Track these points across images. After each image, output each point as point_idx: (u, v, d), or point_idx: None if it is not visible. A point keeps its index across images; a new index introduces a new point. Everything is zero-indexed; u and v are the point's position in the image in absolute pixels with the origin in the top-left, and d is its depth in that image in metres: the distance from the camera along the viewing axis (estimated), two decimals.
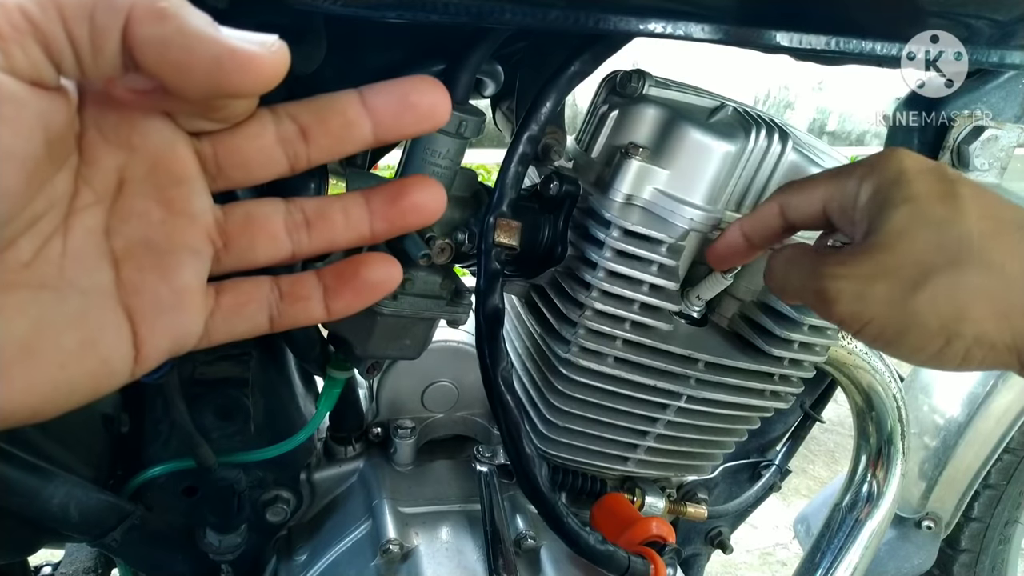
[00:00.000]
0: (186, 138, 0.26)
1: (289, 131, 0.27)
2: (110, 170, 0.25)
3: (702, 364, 0.57)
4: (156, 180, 0.26)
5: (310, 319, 0.30)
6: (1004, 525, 1.30)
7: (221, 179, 0.27)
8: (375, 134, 0.27)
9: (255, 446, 0.63)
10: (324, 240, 0.29)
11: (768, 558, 1.88)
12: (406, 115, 0.27)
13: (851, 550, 0.83)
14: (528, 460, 0.55)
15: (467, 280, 0.58)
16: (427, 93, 0.26)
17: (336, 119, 0.27)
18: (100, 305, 0.25)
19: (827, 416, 0.89)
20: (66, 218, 0.24)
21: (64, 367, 0.24)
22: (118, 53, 0.21)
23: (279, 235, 0.28)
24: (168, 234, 0.26)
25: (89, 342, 0.25)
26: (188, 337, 0.27)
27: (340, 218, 0.29)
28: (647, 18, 0.41)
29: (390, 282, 0.30)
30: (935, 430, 1.18)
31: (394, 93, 0.26)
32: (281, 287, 0.29)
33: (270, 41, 0.22)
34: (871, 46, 0.45)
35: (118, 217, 0.25)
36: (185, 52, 0.21)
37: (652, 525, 0.64)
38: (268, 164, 0.27)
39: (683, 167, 0.52)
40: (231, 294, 0.29)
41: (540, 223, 0.55)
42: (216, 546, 0.64)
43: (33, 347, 0.23)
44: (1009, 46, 0.48)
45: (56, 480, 0.53)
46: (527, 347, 0.63)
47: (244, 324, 0.29)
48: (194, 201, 0.26)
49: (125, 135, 0.25)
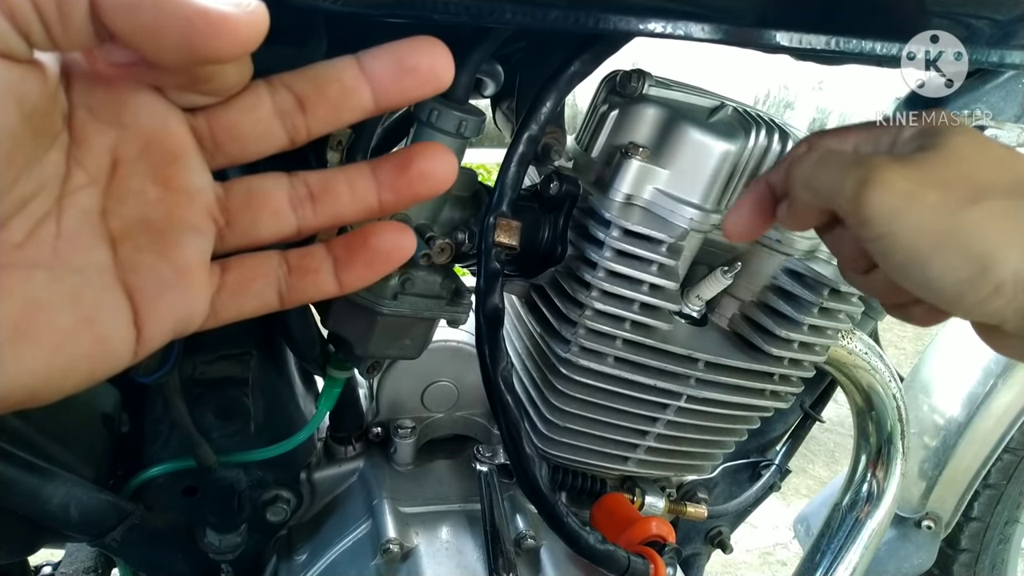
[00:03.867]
0: (179, 114, 0.25)
1: (286, 102, 0.26)
2: (102, 150, 0.24)
3: (702, 364, 0.57)
4: (151, 158, 0.25)
5: (321, 293, 0.29)
6: (1004, 525, 1.30)
7: (219, 155, 0.26)
8: (375, 100, 0.26)
9: (255, 446, 0.63)
10: (330, 214, 0.28)
11: (768, 558, 1.88)
12: (406, 79, 0.25)
13: (851, 550, 0.83)
14: (528, 460, 0.55)
15: (467, 280, 0.58)
16: (427, 54, 0.25)
17: (333, 87, 0.26)
18: (97, 283, 0.24)
19: (827, 416, 0.89)
20: (59, 200, 0.24)
21: (60, 347, 0.23)
22: (87, 20, 0.21)
23: (283, 210, 0.28)
24: (166, 213, 0.25)
25: (85, 321, 0.24)
26: (193, 316, 0.27)
27: (345, 190, 0.28)
28: (647, 18, 0.41)
29: (402, 250, 0.29)
30: (935, 430, 1.18)
31: (392, 56, 0.25)
32: (289, 261, 0.29)
33: (246, 2, 0.22)
34: (871, 46, 0.45)
35: (114, 197, 0.25)
36: (155, 15, 0.20)
37: (652, 525, 0.64)
38: (266, 137, 0.26)
39: (683, 167, 0.52)
40: (237, 271, 0.28)
41: (540, 223, 0.55)
42: (216, 546, 0.64)
43: (26, 327, 0.23)
44: (1009, 46, 0.48)
45: (56, 480, 0.53)
46: (527, 347, 0.63)
47: (252, 301, 0.28)
48: (192, 178, 0.26)
49: (115, 113, 0.24)
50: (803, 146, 0.40)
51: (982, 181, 0.33)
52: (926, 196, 0.32)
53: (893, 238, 0.33)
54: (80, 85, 0.24)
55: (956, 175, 0.33)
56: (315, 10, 0.36)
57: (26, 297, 0.23)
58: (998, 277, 0.32)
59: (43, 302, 0.23)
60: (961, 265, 0.32)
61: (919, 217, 0.32)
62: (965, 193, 0.32)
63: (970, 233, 0.32)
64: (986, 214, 0.32)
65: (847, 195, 0.34)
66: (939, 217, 0.32)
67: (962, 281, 0.32)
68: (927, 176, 0.33)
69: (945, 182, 0.33)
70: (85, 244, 0.24)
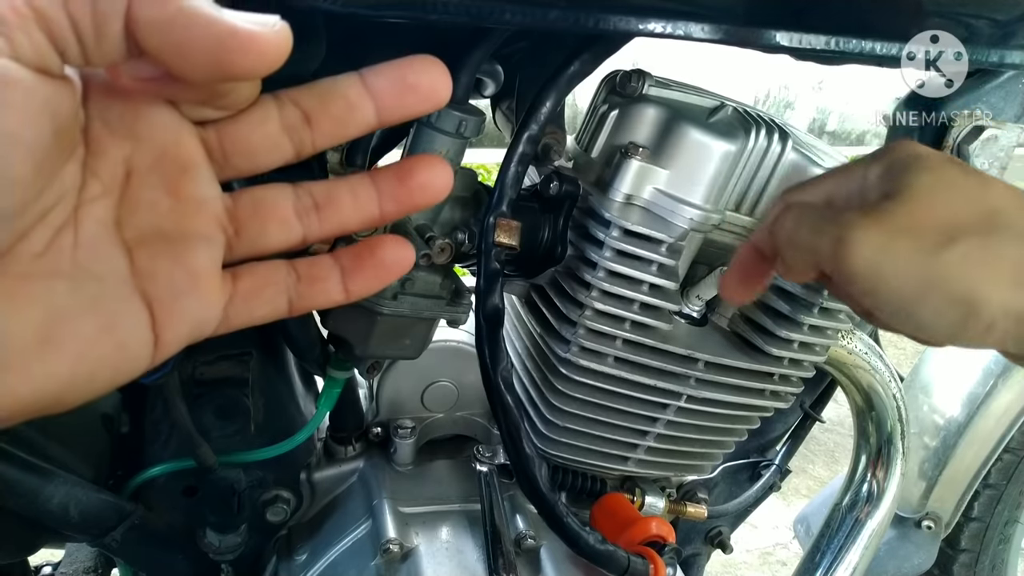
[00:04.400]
0: (191, 127, 0.26)
1: (293, 117, 0.27)
2: (117, 161, 0.25)
3: (702, 364, 0.57)
4: (163, 169, 0.26)
5: (329, 300, 0.30)
6: (1004, 525, 1.30)
7: (228, 167, 0.27)
8: (378, 116, 0.27)
9: (255, 446, 0.63)
10: (334, 223, 0.29)
11: (768, 558, 1.88)
12: (407, 96, 0.26)
13: (851, 550, 0.83)
14: (528, 460, 0.55)
15: (467, 280, 0.58)
16: (426, 73, 0.26)
17: (338, 102, 0.27)
18: (116, 291, 0.25)
19: (827, 416, 0.89)
20: (75, 210, 0.24)
21: (83, 354, 0.24)
22: (121, 37, 0.21)
23: (289, 219, 0.29)
24: (177, 222, 0.26)
25: (106, 328, 0.25)
26: (207, 322, 0.28)
27: (349, 200, 0.29)
28: (647, 18, 0.41)
29: (404, 262, 0.30)
30: (935, 430, 1.18)
31: (394, 74, 0.26)
32: (298, 270, 0.30)
33: (272, 21, 0.22)
34: (871, 46, 0.45)
35: (127, 207, 0.25)
36: (187, 33, 0.21)
37: (652, 525, 0.64)
38: (273, 151, 0.27)
39: (683, 167, 0.52)
40: (248, 279, 0.29)
41: (540, 223, 0.55)
42: (216, 546, 0.64)
43: (49, 335, 0.23)
44: (1009, 46, 0.48)
45: (56, 480, 0.53)
46: (527, 347, 0.63)
47: (263, 308, 0.29)
48: (201, 189, 0.27)
49: (130, 125, 0.25)
50: (779, 206, 0.41)
51: (953, 221, 0.33)
52: (901, 245, 0.33)
53: (878, 292, 0.34)
54: (96, 97, 0.24)
55: (927, 218, 0.33)
56: (315, 11, 0.36)
57: (49, 306, 0.23)
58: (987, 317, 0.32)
59: (65, 310, 0.24)
60: (948, 309, 0.33)
61: (898, 267, 0.33)
62: (938, 236, 0.33)
63: (950, 277, 0.32)
64: (962, 255, 0.33)
65: (826, 256, 0.35)
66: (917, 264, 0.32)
67: (953, 324, 0.33)
68: (898, 224, 0.33)
69: (917, 227, 0.33)
70: (103, 253, 0.25)
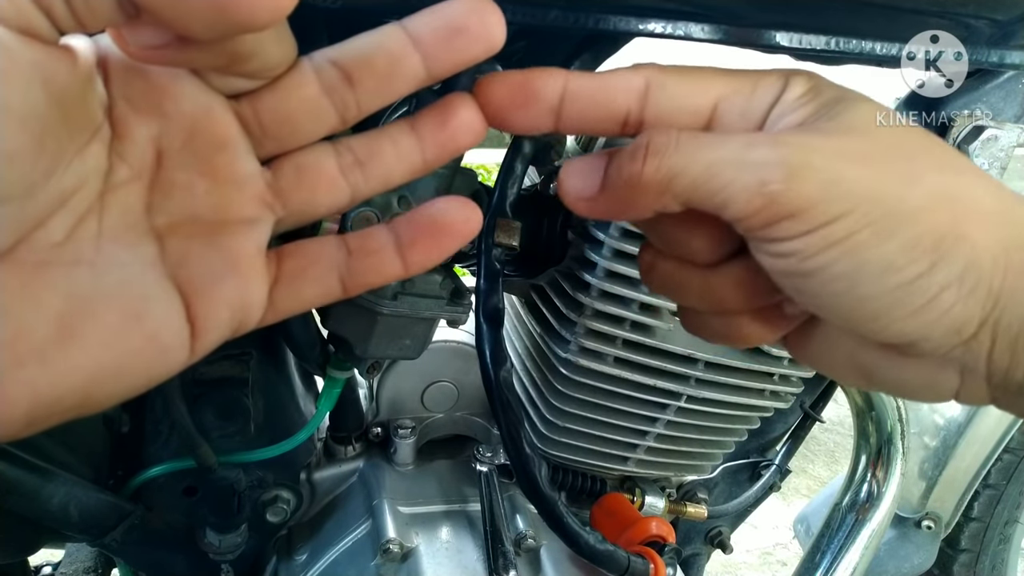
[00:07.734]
0: (223, 101, 0.24)
1: (332, 77, 0.24)
2: (145, 141, 0.23)
3: (702, 364, 0.57)
4: (196, 148, 0.24)
5: (385, 276, 0.27)
6: (1004, 525, 1.30)
7: (268, 140, 0.25)
8: (427, 67, 0.24)
9: (255, 446, 0.63)
10: (379, 177, 0.27)
11: (768, 558, 1.88)
12: (456, 39, 0.24)
13: (851, 550, 0.83)
14: (528, 460, 0.55)
15: (467, 280, 0.58)
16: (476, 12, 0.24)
17: (381, 57, 0.24)
18: (143, 278, 0.23)
19: (827, 416, 0.89)
20: (101, 196, 0.23)
21: (108, 345, 0.22)
22: None
23: (336, 179, 0.26)
24: (216, 206, 0.24)
25: (133, 317, 0.23)
26: (251, 307, 0.25)
27: (391, 151, 0.27)
28: (647, 18, 0.41)
29: (470, 223, 0.27)
30: (935, 430, 1.18)
31: (439, 17, 0.24)
32: (349, 244, 0.27)
33: None
34: (871, 46, 0.46)
35: (160, 192, 0.24)
36: None
37: (652, 525, 0.64)
38: (316, 118, 0.25)
39: None
40: (294, 258, 0.27)
41: (540, 223, 0.55)
42: (216, 546, 0.64)
43: (70, 324, 0.21)
44: (1009, 46, 0.48)
45: (56, 480, 0.53)
46: (527, 347, 0.63)
47: (312, 289, 0.27)
48: (239, 167, 0.25)
49: (156, 102, 0.23)
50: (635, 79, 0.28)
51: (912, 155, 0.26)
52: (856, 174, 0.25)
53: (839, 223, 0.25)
54: (118, 76, 0.23)
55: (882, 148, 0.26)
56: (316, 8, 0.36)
57: (69, 294, 0.22)
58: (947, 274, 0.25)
59: (87, 298, 0.22)
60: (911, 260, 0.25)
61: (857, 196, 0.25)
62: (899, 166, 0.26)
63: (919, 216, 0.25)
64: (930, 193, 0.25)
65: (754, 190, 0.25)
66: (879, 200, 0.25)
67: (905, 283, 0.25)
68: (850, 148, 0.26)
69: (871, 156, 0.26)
70: (129, 241, 0.23)
